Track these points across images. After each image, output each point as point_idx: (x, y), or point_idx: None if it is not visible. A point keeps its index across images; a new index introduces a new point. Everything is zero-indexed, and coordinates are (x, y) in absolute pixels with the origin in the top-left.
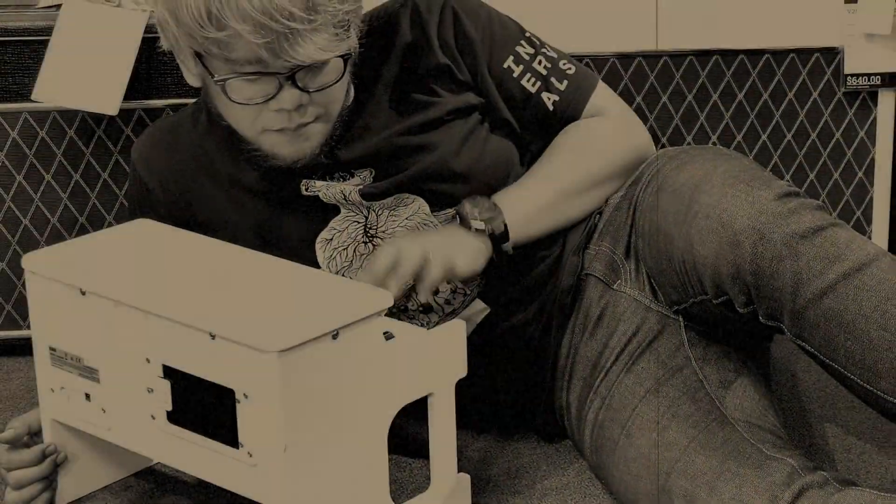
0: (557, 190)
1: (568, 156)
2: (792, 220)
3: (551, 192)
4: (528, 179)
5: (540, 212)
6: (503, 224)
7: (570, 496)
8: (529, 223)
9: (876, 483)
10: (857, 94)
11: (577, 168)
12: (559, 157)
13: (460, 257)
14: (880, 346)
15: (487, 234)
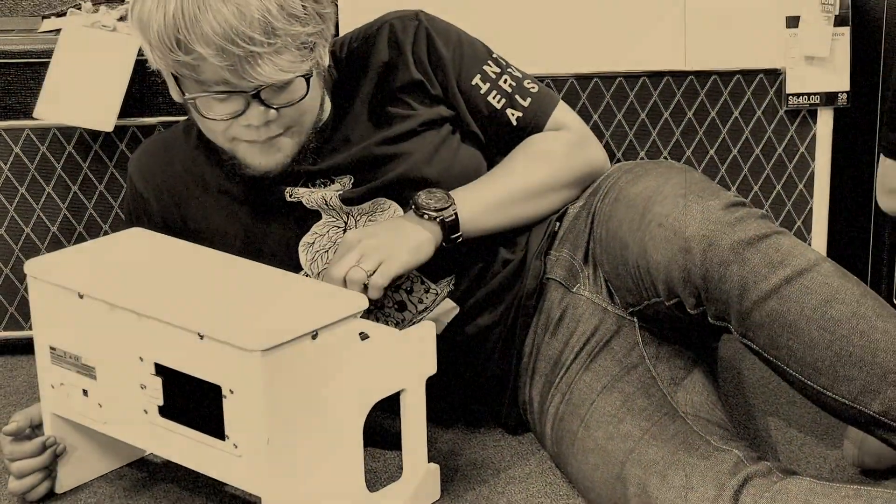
0: (511, 190)
1: (525, 162)
2: (739, 229)
3: (504, 191)
4: (485, 179)
5: (491, 208)
6: (454, 214)
7: (532, 485)
8: (481, 217)
9: (815, 472)
10: (797, 112)
11: (532, 173)
12: (516, 162)
13: (404, 249)
14: (820, 345)
15: (438, 223)
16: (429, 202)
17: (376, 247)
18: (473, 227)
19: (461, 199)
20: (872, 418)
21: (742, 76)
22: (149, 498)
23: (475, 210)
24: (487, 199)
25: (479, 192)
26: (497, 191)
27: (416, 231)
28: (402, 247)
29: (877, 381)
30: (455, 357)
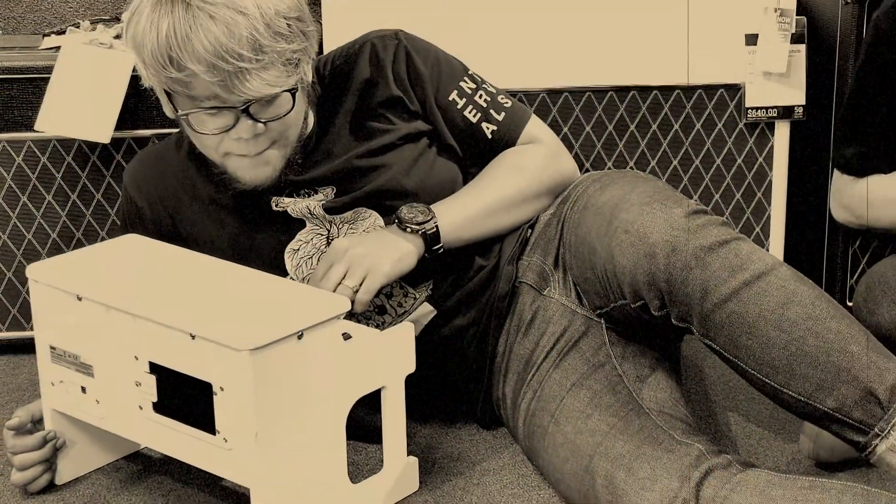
0: (488, 203)
1: (500, 174)
2: (700, 235)
3: (482, 203)
4: (463, 192)
5: (471, 220)
6: (435, 226)
7: (505, 476)
8: (460, 229)
9: (773, 465)
10: (756, 124)
11: (508, 185)
12: (493, 175)
13: (388, 260)
14: (777, 345)
15: (420, 235)
16: (411, 216)
17: (361, 259)
18: (453, 239)
19: (441, 212)
20: (826, 414)
21: (704, 91)
22: (143, 489)
23: (455, 223)
24: (466, 211)
25: (459, 205)
26: (475, 204)
27: (399, 243)
28: (385, 259)
29: (830, 379)
30: (432, 356)
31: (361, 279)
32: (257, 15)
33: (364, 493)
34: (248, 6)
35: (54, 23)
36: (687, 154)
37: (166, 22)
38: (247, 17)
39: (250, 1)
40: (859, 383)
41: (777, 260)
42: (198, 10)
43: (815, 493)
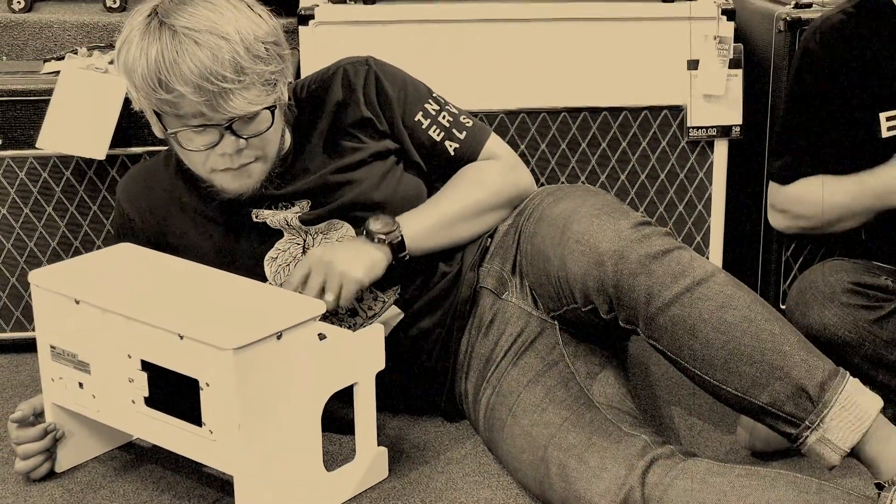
0: (449, 214)
1: (461, 188)
2: (645, 244)
3: (444, 215)
4: (426, 204)
5: (433, 230)
6: (400, 236)
7: (467, 465)
8: (424, 238)
9: (712, 454)
10: (697, 143)
11: (468, 198)
12: (454, 189)
13: (360, 267)
14: (716, 345)
15: (387, 245)
16: (378, 227)
17: (336, 269)
18: (417, 247)
19: (406, 223)
20: (761, 408)
21: (649, 112)
22: (136, 476)
23: (418, 232)
24: (429, 222)
25: (422, 216)
26: (438, 214)
27: (369, 252)
28: (358, 267)
29: (765, 376)
30: (400, 355)
31: (339, 288)
32: (238, 40)
33: (338, 480)
34: (229, 32)
35: (54, 49)
36: (634, 170)
37: (155, 48)
38: (229, 42)
39: (231, 27)
40: (791, 380)
41: (716, 267)
42: (184, 37)
43: (751, 480)
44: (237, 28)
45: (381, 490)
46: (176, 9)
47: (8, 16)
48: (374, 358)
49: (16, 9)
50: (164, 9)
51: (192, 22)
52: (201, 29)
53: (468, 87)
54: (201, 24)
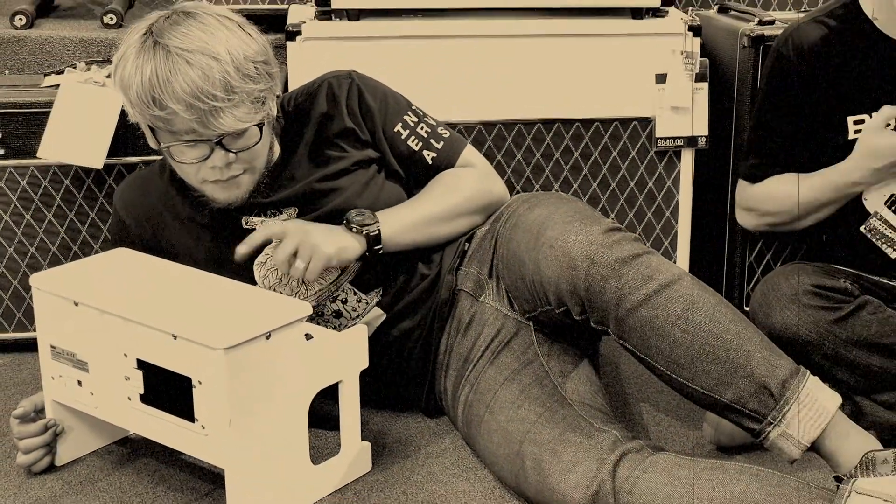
0: (425, 215)
1: (438, 192)
2: (616, 249)
3: (420, 215)
4: (405, 204)
5: (409, 228)
6: (377, 230)
7: (447, 459)
8: (399, 235)
9: (679, 448)
10: (665, 152)
11: (443, 201)
12: (431, 192)
13: (333, 244)
14: (683, 345)
15: (363, 236)
16: (357, 219)
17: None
18: (392, 243)
19: (384, 219)
20: (726, 405)
21: (619, 123)
22: (132, 470)
23: (395, 229)
24: (406, 220)
25: (400, 214)
26: (414, 214)
27: (344, 237)
28: (330, 244)
29: (729, 374)
30: (383, 354)
31: (309, 259)
32: (228, 60)
33: (323, 474)
34: (220, 52)
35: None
36: (605, 178)
37: (149, 67)
38: (219, 62)
39: (222, 47)
40: (755, 378)
41: (683, 271)
42: (176, 57)
43: (716, 473)
44: (228, 48)
45: (364, 483)
46: (170, 29)
47: (10, 32)
48: (357, 357)
49: (18, 25)
50: (158, 28)
51: (184, 42)
52: (193, 49)
53: (447, 100)
54: (193, 45)
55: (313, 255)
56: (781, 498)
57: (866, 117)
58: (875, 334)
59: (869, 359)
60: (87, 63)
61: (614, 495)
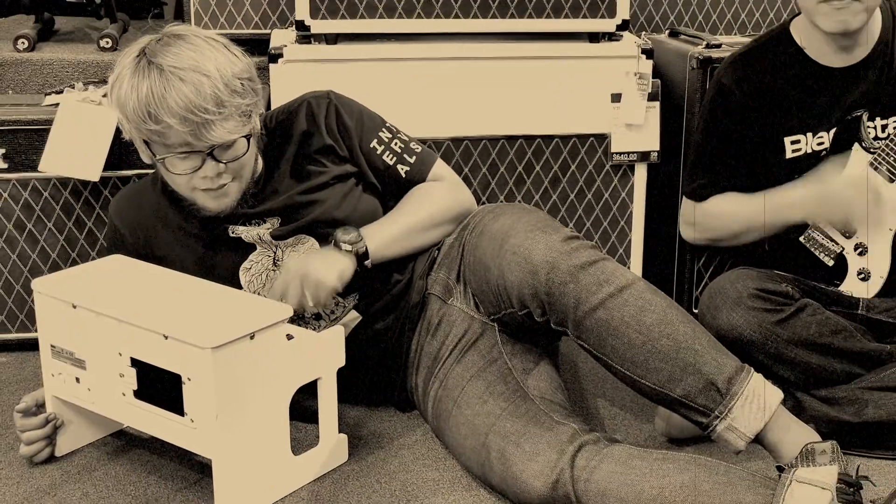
0: (406, 227)
1: (414, 205)
2: (574, 256)
3: (401, 227)
4: (385, 219)
5: (392, 240)
6: (364, 247)
7: (418, 450)
8: (384, 248)
9: (633, 440)
10: (619, 166)
11: (421, 213)
12: (408, 205)
13: (333, 273)
14: (636, 344)
15: (353, 254)
16: (344, 238)
17: (312, 279)
18: (378, 256)
19: (368, 234)
20: (676, 400)
21: (578, 139)
22: (126, 460)
23: (380, 243)
24: (388, 234)
25: (382, 229)
26: (395, 228)
27: (339, 261)
28: (331, 275)
29: (679, 372)
30: (359, 353)
31: (317, 295)
32: (218, 76)
33: (303, 464)
34: (210, 70)
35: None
36: (564, 190)
37: (145, 84)
38: (210, 79)
39: (211, 65)
40: (703, 375)
41: (636, 276)
42: (170, 74)
43: (667, 464)
44: (217, 66)
45: (341, 472)
46: (162, 50)
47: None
48: (335, 356)
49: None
50: (151, 50)
51: (176, 61)
52: (185, 67)
53: (418, 118)
54: (185, 63)
55: (319, 291)
56: (727, 486)
57: (801, 137)
58: (814, 334)
59: (808, 357)
60: (85, 83)
61: (573, 483)
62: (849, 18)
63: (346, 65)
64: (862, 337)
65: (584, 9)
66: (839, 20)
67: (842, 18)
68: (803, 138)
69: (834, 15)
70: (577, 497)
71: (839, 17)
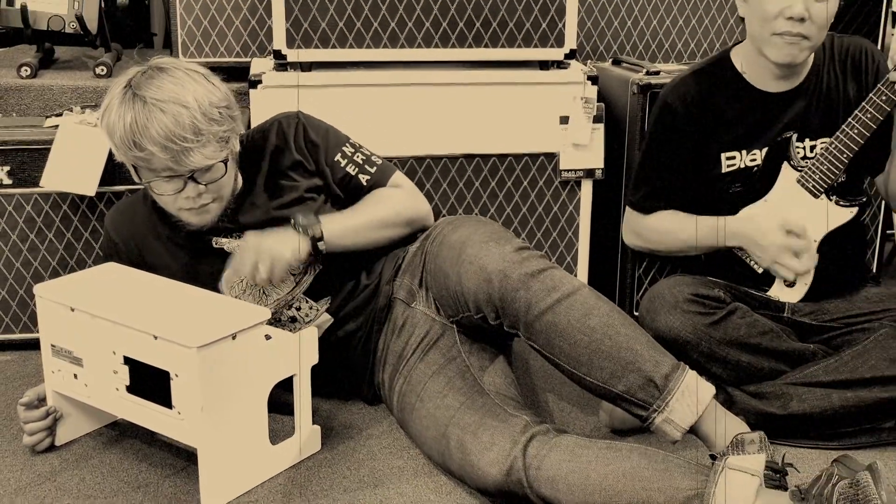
0: (360, 221)
1: (371, 204)
2: (525, 265)
3: (355, 221)
4: (344, 212)
5: (346, 231)
6: (320, 230)
7: (384, 440)
8: (339, 237)
9: (580, 431)
10: (567, 183)
11: (375, 211)
12: (365, 204)
13: (287, 249)
14: (581, 345)
15: (308, 236)
16: (303, 221)
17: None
18: (333, 242)
19: (325, 222)
20: (618, 395)
21: (529, 158)
22: (119, 448)
23: (335, 230)
24: (344, 224)
25: (339, 218)
26: (351, 220)
27: (294, 239)
28: (284, 249)
29: (621, 369)
30: (331, 352)
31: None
32: (196, 107)
33: (280, 452)
34: (189, 101)
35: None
36: (517, 204)
37: (129, 115)
38: (188, 109)
39: (190, 96)
40: (642, 373)
41: (582, 283)
42: (152, 106)
43: (611, 452)
44: (195, 97)
45: (315, 460)
46: (146, 82)
47: (17, 81)
48: (309, 354)
49: (23, 75)
50: (136, 82)
51: (158, 94)
52: (166, 99)
53: (384, 137)
54: (166, 95)
55: (273, 262)
56: (665, 472)
57: (736, 153)
58: (744, 335)
59: (738, 356)
60: (82, 107)
61: (525, 470)
62: (796, 52)
63: (319, 90)
64: (787, 337)
65: (536, 39)
66: (788, 53)
67: (790, 52)
68: (738, 155)
69: (784, 48)
70: (528, 483)
71: (788, 51)
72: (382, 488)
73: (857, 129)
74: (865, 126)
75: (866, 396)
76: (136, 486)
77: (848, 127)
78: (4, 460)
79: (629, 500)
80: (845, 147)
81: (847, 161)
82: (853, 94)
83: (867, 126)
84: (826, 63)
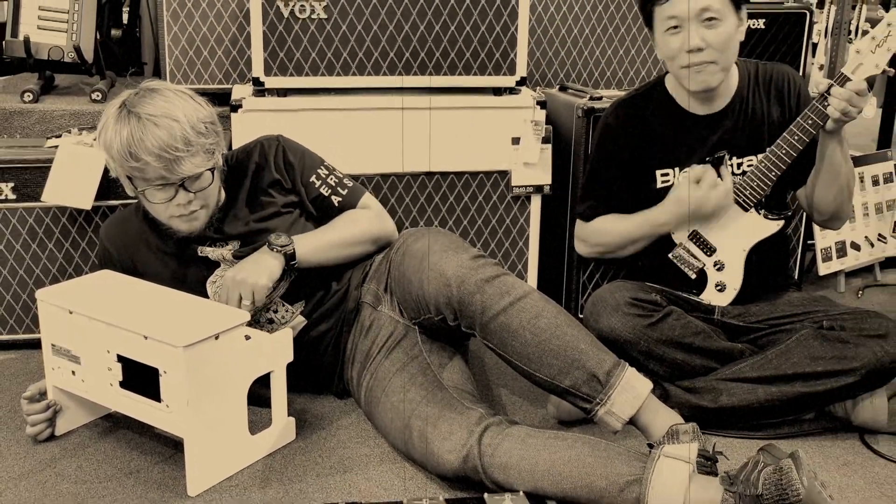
0: (330, 240)
1: (341, 224)
2: (480, 272)
3: (326, 240)
4: (316, 231)
5: (318, 249)
6: (293, 249)
7: (353, 431)
8: (310, 254)
9: (530, 423)
10: (518, 198)
11: (345, 231)
12: (336, 224)
13: (263, 275)
14: (531, 344)
15: (282, 255)
16: (276, 241)
17: (245, 282)
18: (305, 260)
19: (298, 241)
20: (564, 390)
21: (484, 175)
22: (113, 438)
23: (307, 249)
24: (315, 243)
25: (310, 238)
26: (322, 239)
27: (268, 263)
28: (262, 276)
29: (567, 366)
30: (304, 351)
31: (252, 296)
32: (185, 121)
33: (259, 442)
34: (179, 116)
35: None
36: (473, 217)
37: (126, 130)
38: (179, 123)
39: (180, 112)
40: (586, 369)
41: (532, 288)
42: (146, 121)
43: (558, 441)
44: (184, 112)
45: (290, 448)
46: (139, 101)
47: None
48: (285, 353)
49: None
50: (130, 101)
51: (151, 110)
52: (159, 115)
53: (353, 157)
54: (158, 111)
55: (254, 290)
56: (607, 459)
57: (670, 171)
58: (678, 335)
59: (674, 354)
60: (80, 129)
61: (480, 458)
62: (708, 78)
63: (295, 114)
64: (717, 337)
65: (490, 68)
66: (700, 80)
67: (702, 79)
68: (672, 172)
69: (695, 77)
70: (483, 469)
71: (700, 78)
72: (351, 474)
73: (785, 149)
74: (792, 147)
75: (789, 391)
76: (129, 472)
77: (777, 147)
78: (9, 448)
79: (574, 485)
80: (774, 165)
81: (776, 178)
82: (777, 117)
83: (794, 147)
84: (751, 87)
